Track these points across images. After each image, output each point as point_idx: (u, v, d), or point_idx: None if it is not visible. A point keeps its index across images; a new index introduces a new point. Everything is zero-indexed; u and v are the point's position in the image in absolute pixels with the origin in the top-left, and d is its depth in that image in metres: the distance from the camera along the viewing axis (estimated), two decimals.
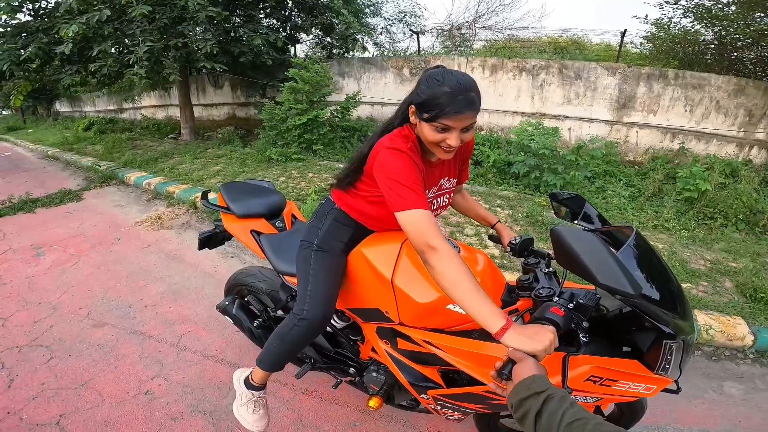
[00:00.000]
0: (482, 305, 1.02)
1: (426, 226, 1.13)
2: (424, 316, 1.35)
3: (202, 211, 4.75)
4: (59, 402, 2.10)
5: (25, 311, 2.90)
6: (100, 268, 3.52)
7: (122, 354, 2.46)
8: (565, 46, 9.07)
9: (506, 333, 0.97)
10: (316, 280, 1.50)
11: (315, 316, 1.47)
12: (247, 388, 1.71)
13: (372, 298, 1.47)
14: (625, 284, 0.91)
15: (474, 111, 1.15)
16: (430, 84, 1.16)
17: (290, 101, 6.42)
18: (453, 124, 1.15)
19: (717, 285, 3.10)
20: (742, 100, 5.33)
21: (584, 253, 0.96)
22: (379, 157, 1.25)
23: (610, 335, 1.20)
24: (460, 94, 1.12)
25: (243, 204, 1.98)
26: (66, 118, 17.52)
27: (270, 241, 1.87)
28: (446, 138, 1.18)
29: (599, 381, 1.12)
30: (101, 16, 5.63)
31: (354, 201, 1.50)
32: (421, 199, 1.17)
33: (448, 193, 1.51)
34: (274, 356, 1.62)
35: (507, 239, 1.63)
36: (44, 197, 5.59)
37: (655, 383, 1.11)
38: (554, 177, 4.86)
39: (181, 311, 2.87)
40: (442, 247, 1.09)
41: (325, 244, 1.54)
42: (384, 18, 10.73)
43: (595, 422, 0.73)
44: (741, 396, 2.25)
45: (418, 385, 1.46)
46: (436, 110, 1.14)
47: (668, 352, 1.05)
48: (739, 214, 4.28)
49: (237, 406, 1.74)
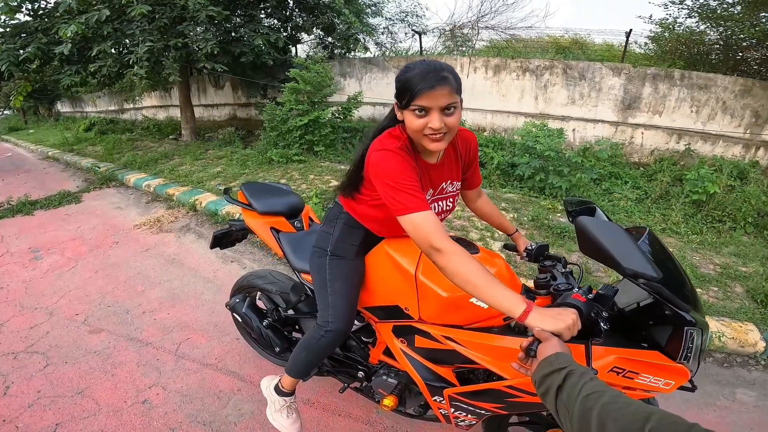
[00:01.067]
0: (501, 293, 1.03)
1: (428, 229, 1.12)
2: (446, 312, 1.36)
3: (201, 213, 4.70)
4: (55, 410, 2.07)
5: (21, 316, 2.87)
6: (98, 272, 3.47)
7: (119, 361, 2.42)
8: (568, 46, 9.03)
9: (530, 314, 0.99)
10: (334, 290, 1.51)
11: (339, 327, 1.50)
12: (278, 395, 1.77)
13: (392, 295, 1.49)
14: (648, 268, 0.97)
15: (447, 86, 1.11)
16: (403, 72, 1.18)
17: (291, 102, 6.36)
18: (428, 102, 1.12)
19: (728, 290, 3.05)
20: (748, 101, 5.27)
21: (608, 241, 1.02)
22: (371, 161, 1.24)
23: (627, 332, 1.21)
24: (430, 72, 1.11)
25: (265, 202, 2.03)
26: (67, 119, 17.51)
27: (289, 238, 1.92)
28: (427, 122, 1.15)
29: (622, 372, 1.12)
30: (100, 16, 5.58)
31: (359, 206, 1.48)
32: (418, 200, 1.16)
33: (452, 197, 1.48)
34: (301, 365, 1.67)
35: (522, 246, 1.64)
36: (43, 199, 5.56)
37: (674, 378, 1.11)
38: (560, 179, 4.79)
39: (179, 317, 2.82)
40: (446, 247, 1.09)
41: (338, 249, 1.55)
42: (386, 18, 10.65)
43: (611, 394, 0.73)
44: (753, 403, 2.22)
45: (433, 385, 1.47)
46: (408, 92, 1.13)
47: (689, 339, 1.06)
48: (747, 217, 4.22)
49: (272, 413, 1.81)
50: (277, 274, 2.14)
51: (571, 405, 0.76)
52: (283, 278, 2.10)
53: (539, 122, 5.48)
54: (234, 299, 2.15)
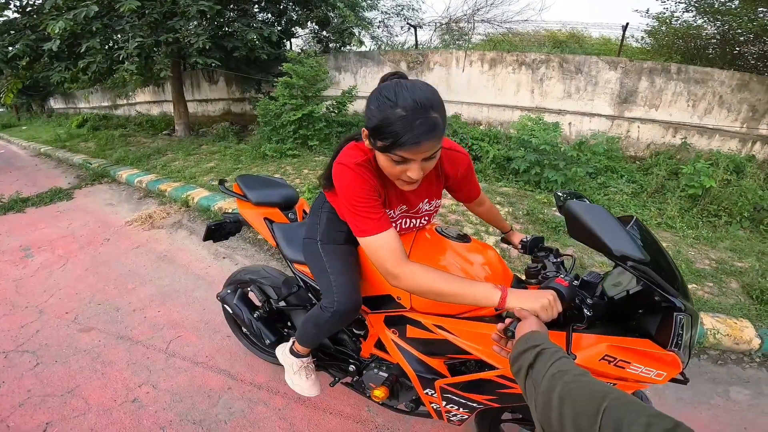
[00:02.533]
0: (472, 289, 1.03)
1: (383, 253, 1.08)
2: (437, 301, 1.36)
3: (194, 209, 4.66)
4: (46, 409, 2.06)
5: (11, 315, 2.83)
6: (89, 270, 3.43)
7: (109, 360, 2.39)
8: (565, 40, 8.98)
9: (507, 298, 1.00)
10: (335, 270, 1.47)
11: (346, 306, 1.44)
12: (295, 357, 1.74)
13: (384, 284, 1.47)
14: (636, 250, 0.99)
15: (437, 137, 0.98)
16: (381, 105, 0.98)
17: (285, 96, 6.32)
18: (411, 155, 0.99)
19: (723, 286, 3.03)
20: (745, 95, 5.26)
21: (596, 224, 1.03)
22: (333, 171, 1.18)
23: (617, 320, 1.21)
24: (418, 117, 0.94)
25: (259, 193, 2.04)
26: (60, 115, 17.38)
27: (282, 229, 1.92)
28: (405, 170, 1.03)
29: (614, 361, 1.11)
30: (89, 11, 5.51)
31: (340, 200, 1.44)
32: (374, 222, 1.10)
33: (428, 215, 1.43)
34: (311, 338, 1.66)
35: (517, 240, 1.68)
36: (35, 196, 5.50)
37: (666, 368, 1.10)
38: (555, 173, 4.78)
39: (170, 315, 2.79)
40: (402, 272, 1.06)
41: (326, 237, 1.54)
42: (381, 11, 10.57)
43: (574, 373, 0.74)
44: (747, 401, 2.20)
45: (425, 376, 1.47)
46: (390, 139, 0.97)
47: (679, 325, 1.05)
48: (743, 212, 4.22)
49: (290, 376, 1.78)
50: (270, 270, 2.14)
51: (537, 383, 0.77)
52: (276, 273, 2.10)
53: (535, 116, 5.44)
54: (225, 290, 2.15)
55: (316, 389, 1.78)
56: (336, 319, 1.47)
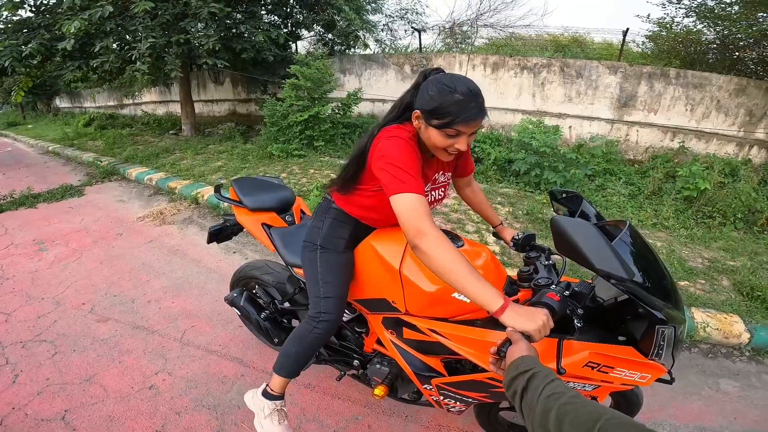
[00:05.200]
0: (481, 287, 1.05)
1: (419, 211, 1.14)
2: (430, 305, 1.40)
3: (203, 206, 4.77)
4: (64, 397, 2.11)
5: (28, 306, 2.92)
6: (103, 263, 3.54)
7: (126, 349, 2.47)
8: (567, 44, 9.06)
9: (505, 311, 1.01)
10: (326, 282, 1.54)
11: (331, 318, 1.54)
12: (268, 399, 1.70)
13: (379, 288, 1.52)
14: (619, 269, 1.00)
15: (483, 116, 1.19)
16: (441, 91, 1.17)
17: (292, 98, 6.42)
18: (465, 129, 1.18)
19: (714, 283, 3.12)
20: (742, 100, 5.34)
21: (582, 241, 1.04)
22: (379, 146, 1.26)
23: (606, 325, 1.25)
24: (471, 101, 1.16)
25: (255, 198, 2.04)
26: (66, 114, 17.47)
27: (280, 234, 1.94)
28: (455, 143, 1.21)
29: (597, 367, 1.16)
30: (104, 12, 5.61)
31: (353, 197, 1.51)
32: (418, 184, 1.18)
33: (443, 186, 1.54)
34: (292, 360, 1.65)
35: (509, 237, 1.69)
36: (45, 192, 5.60)
37: (650, 371, 1.15)
38: (555, 175, 4.88)
39: (184, 306, 2.89)
40: (432, 232, 1.10)
41: (327, 242, 1.58)
42: (385, 15, 10.68)
43: (569, 395, 0.76)
44: (737, 393, 2.28)
45: (422, 374, 1.51)
46: (448, 118, 1.16)
47: (661, 337, 1.09)
48: (737, 213, 4.30)
49: (260, 421, 1.70)
50: (274, 265, 2.18)
51: (533, 406, 0.79)
52: (280, 268, 2.14)
53: (536, 119, 5.54)
54: (232, 293, 2.19)
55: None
56: (321, 329, 1.55)
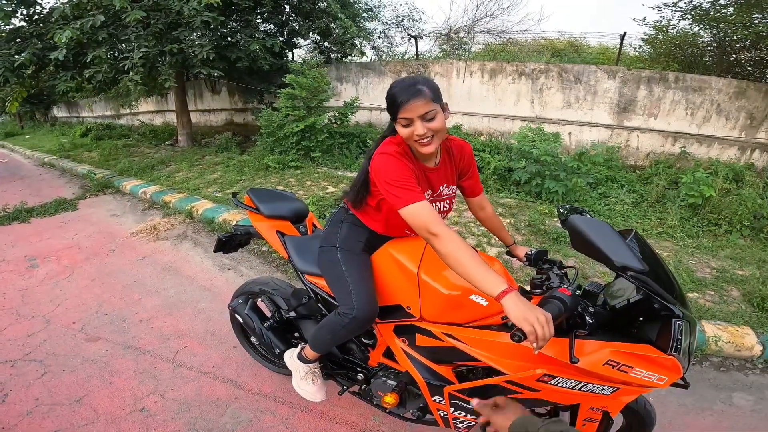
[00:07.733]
0: (485, 272, 1.11)
1: (425, 216, 1.24)
2: (447, 309, 1.42)
3: (198, 221, 4.69)
4: (54, 418, 2.07)
5: (18, 324, 2.86)
6: (95, 280, 3.46)
7: (117, 369, 2.41)
8: (563, 49, 9.06)
9: (508, 295, 1.04)
10: (353, 278, 1.55)
11: (364, 313, 1.52)
12: (302, 362, 1.83)
13: (395, 294, 1.56)
14: (636, 262, 1.06)
15: (422, 98, 1.26)
16: (389, 89, 1.35)
17: (288, 107, 6.36)
18: (409, 114, 1.28)
19: (724, 294, 3.06)
20: (743, 103, 5.30)
21: (598, 237, 1.12)
22: (373, 164, 1.37)
23: (620, 328, 1.26)
24: (406, 88, 1.28)
25: (271, 206, 2.09)
26: (63, 124, 17.49)
27: (294, 242, 1.98)
28: (413, 130, 1.30)
29: (617, 366, 1.16)
30: (95, 21, 5.57)
31: (365, 210, 1.60)
32: (415, 193, 1.28)
33: (449, 198, 1.59)
34: (325, 344, 1.73)
35: (522, 254, 1.74)
36: (39, 206, 5.54)
37: (667, 373, 1.15)
38: (556, 184, 4.81)
39: (177, 325, 2.82)
40: (442, 232, 1.20)
41: (346, 244, 1.63)
42: (382, 22, 10.66)
43: None
44: (750, 407, 2.22)
45: (433, 384, 1.50)
46: (393, 108, 1.31)
47: (678, 330, 1.11)
48: (743, 220, 4.24)
49: (297, 381, 1.88)
50: (279, 281, 2.20)
51: None
52: (285, 285, 2.16)
53: (535, 126, 5.49)
54: (236, 301, 2.18)
55: (322, 394, 1.85)
56: (354, 325, 1.53)
